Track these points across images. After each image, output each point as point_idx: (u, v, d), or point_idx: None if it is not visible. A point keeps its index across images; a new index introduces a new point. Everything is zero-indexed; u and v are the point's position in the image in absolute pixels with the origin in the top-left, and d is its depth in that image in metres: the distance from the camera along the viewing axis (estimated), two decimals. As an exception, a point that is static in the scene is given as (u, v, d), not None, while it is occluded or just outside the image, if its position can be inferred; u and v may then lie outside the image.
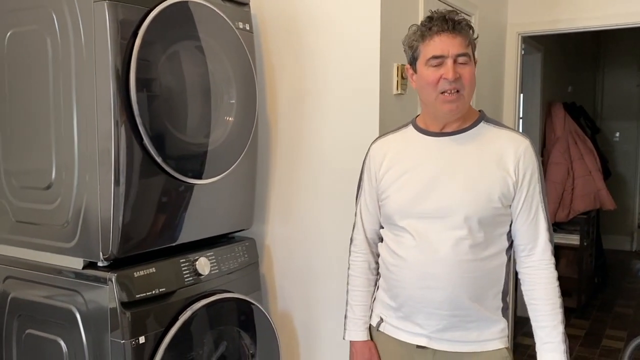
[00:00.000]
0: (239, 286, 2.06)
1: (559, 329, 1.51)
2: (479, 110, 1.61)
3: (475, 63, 1.52)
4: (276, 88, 2.34)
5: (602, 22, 3.25)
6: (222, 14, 1.94)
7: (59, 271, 1.79)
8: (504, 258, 1.55)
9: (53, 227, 1.78)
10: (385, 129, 2.14)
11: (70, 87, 1.69)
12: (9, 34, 1.83)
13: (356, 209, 1.76)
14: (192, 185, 1.87)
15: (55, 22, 1.70)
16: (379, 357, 1.69)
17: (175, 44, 1.78)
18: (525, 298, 1.56)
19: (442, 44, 1.45)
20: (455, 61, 1.45)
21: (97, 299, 1.69)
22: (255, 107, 2.10)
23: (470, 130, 1.55)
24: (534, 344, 1.56)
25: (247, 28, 2.08)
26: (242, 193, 2.13)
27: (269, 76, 2.35)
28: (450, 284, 1.49)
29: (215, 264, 1.97)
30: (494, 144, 1.53)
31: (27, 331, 1.88)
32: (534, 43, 4.14)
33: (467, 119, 1.56)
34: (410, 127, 1.65)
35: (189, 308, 1.82)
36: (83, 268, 1.74)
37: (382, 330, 1.66)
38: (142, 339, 1.69)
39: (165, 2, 1.73)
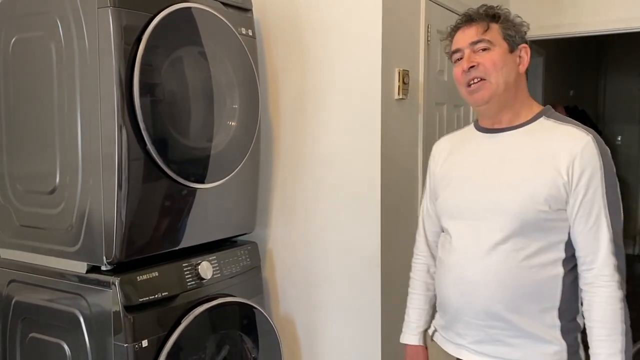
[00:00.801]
0: (241, 290, 2.06)
1: (617, 358, 1.31)
2: (546, 105, 1.49)
3: (515, 46, 1.43)
4: (278, 93, 2.35)
5: (604, 26, 3.26)
6: (224, 20, 1.95)
7: (62, 275, 1.80)
8: (560, 270, 1.37)
9: (57, 231, 1.79)
10: (387, 133, 2.16)
11: (74, 92, 1.71)
12: (13, 40, 1.84)
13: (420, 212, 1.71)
14: (195, 189, 1.88)
15: (60, 28, 1.71)
16: None
17: (179, 50, 1.79)
18: (585, 320, 1.38)
19: (458, 37, 1.46)
20: (474, 50, 1.41)
21: (101, 303, 1.70)
22: (258, 112, 2.11)
23: (527, 126, 1.43)
24: None
25: (250, 33, 2.09)
26: (244, 197, 2.13)
27: (271, 81, 2.36)
28: (487, 291, 1.38)
29: (217, 268, 1.97)
30: (550, 140, 1.38)
31: (31, 334, 1.88)
32: (535, 47, 4.14)
33: (523, 114, 1.45)
34: (472, 125, 1.58)
35: (191, 312, 1.82)
36: (86, 272, 1.75)
37: (435, 340, 1.59)
38: (144, 343, 1.69)
39: (168, 8, 1.74)
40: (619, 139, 6.41)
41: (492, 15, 1.44)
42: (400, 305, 2.32)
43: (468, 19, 1.45)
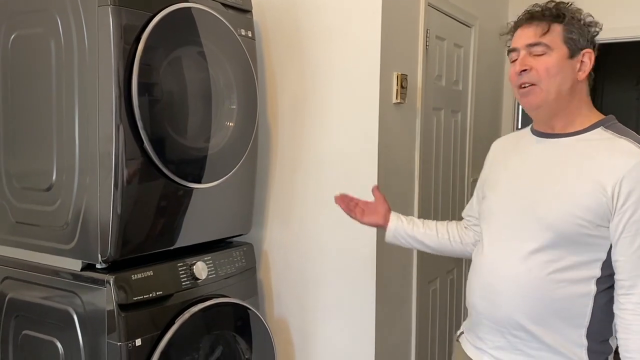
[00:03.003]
0: (236, 291, 2.06)
1: None
2: (609, 115, 1.41)
3: (576, 51, 1.33)
4: (277, 94, 2.36)
5: (600, 35, 3.26)
6: (224, 21, 1.96)
7: (57, 272, 1.79)
8: (592, 288, 1.31)
9: (52, 228, 1.79)
10: (385, 138, 2.17)
11: (72, 90, 1.71)
12: (12, 36, 1.84)
13: None
14: (192, 189, 1.88)
15: (59, 25, 1.72)
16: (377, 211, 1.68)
17: (178, 50, 1.80)
18: (620, 350, 1.31)
19: (517, 36, 1.38)
20: (530, 53, 1.34)
21: (95, 301, 1.70)
22: (256, 113, 2.12)
23: (581, 135, 1.36)
24: None
25: (249, 35, 2.10)
26: (241, 198, 2.14)
27: (270, 83, 2.36)
28: (512, 299, 1.34)
29: (212, 268, 1.97)
30: (601, 153, 1.30)
31: (24, 332, 1.88)
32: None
33: (578, 122, 1.37)
34: (528, 127, 1.51)
35: (185, 312, 1.82)
36: (81, 270, 1.74)
37: (460, 341, 1.57)
38: (138, 342, 1.69)
39: (168, 7, 1.75)
40: (616, 148, 6.42)
41: (556, 15, 1.34)
42: (394, 307, 2.33)
43: (530, 17, 1.36)
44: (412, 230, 1.69)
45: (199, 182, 1.90)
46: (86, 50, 1.67)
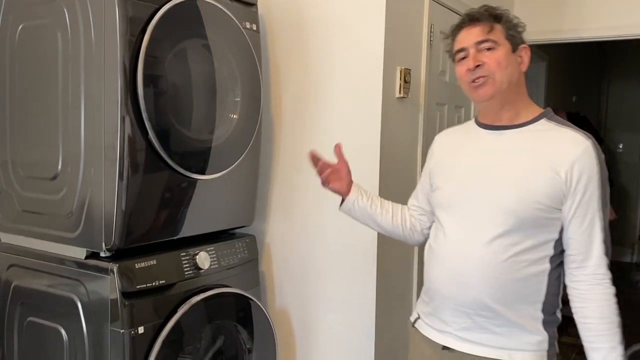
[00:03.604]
0: (238, 282, 2.09)
1: (618, 351, 1.38)
2: (547, 108, 1.54)
3: (516, 46, 1.47)
4: (281, 87, 2.37)
5: (606, 32, 3.27)
6: (229, 14, 1.97)
7: (62, 260, 1.82)
8: (547, 266, 1.43)
9: (57, 217, 1.81)
10: (387, 132, 2.18)
11: (78, 81, 1.73)
12: (20, 27, 1.86)
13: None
14: (195, 180, 1.90)
15: (67, 16, 1.74)
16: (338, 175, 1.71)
17: (183, 42, 1.82)
18: (576, 316, 1.43)
19: (462, 37, 1.49)
20: (479, 50, 1.45)
21: (99, 289, 1.72)
22: (260, 106, 2.13)
23: (528, 126, 1.48)
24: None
25: (254, 28, 2.11)
26: (244, 190, 2.16)
27: (274, 76, 2.38)
28: (477, 282, 1.43)
29: (215, 258, 2.00)
30: (550, 142, 1.43)
31: (29, 319, 1.91)
32: (538, 52, 4.16)
33: (523, 113, 1.49)
34: (472, 121, 1.62)
35: (187, 301, 1.85)
36: (85, 258, 1.77)
37: (417, 327, 1.63)
38: (141, 330, 1.72)
39: (174, 0, 1.76)
40: (620, 146, 6.42)
41: (495, 16, 1.48)
42: (395, 300, 2.34)
43: (472, 18, 1.49)
44: (369, 207, 1.73)
45: (203, 173, 1.92)
46: (92, 41, 1.69)
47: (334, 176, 1.73)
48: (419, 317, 1.64)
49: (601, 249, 1.41)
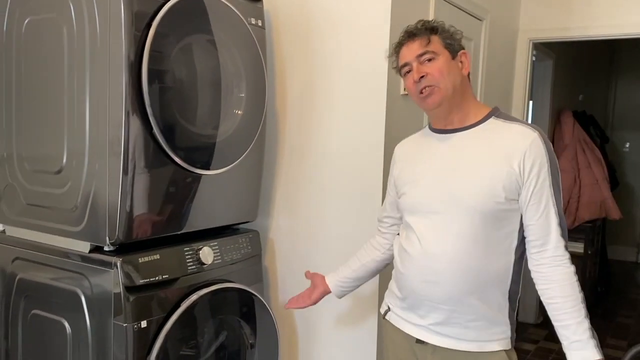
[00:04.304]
0: (241, 277, 2.09)
1: (585, 324, 1.48)
2: (494, 107, 1.63)
3: (455, 53, 1.56)
4: (285, 83, 2.37)
5: (615, 30, 3.25)
6: (235, 9, 1.97)
7: (65, 254, 1.83)
8: (512, 257, 1.54)
9: (62, 210, 1.82)
10: (391, 129, 2.18)
11: (84, 75, 1.73)
12: (26, 21, 1.87)
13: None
14: (200, 175, 1.91)
15: (72, 11, 1.74)
16: (317, 296, 1.90)
17: (188, 37, 1.82)
18: (542, 298, 1.53)
19: (404, 52, 1.58)
20: (421, 62, 1.54)
21: (102, 283, 1.73)
22: (264, 102, 2.13)
23: (478, 126, 1.57)
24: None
25: (259, 24, 2.11)
26: (248, 186, 2.16)
27: (279, 72, 2.38)
28: (451, 280, 1.51)
29: (218, 254, 2.00)
30: (501, 138, 1.53)
31: (33, 311, 1.92)
32: (545, 50, 4.14)
33: (472, 114, 1.59)
34: (426, 128, 1.71)
35: (191, 295, 1.86)
36: (89, 252, 1.78)
37: (388, 319, 1.71)
38: (144, 324, 1.73)
39: (179, -5, 1.77)
40: (627, 145, 6.39)
41: (430, 29, 1.56)
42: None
43: (410, 34, 1.57)
44: (349, 276, 1.87)
45: (207, 168, 1.92)
46: (97, 36, 1.69)
47: (309, 291, 1.92)
48: (389, 309, 1.72)
49: (557, 231, 1.50)
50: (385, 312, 1.73)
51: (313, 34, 2.29)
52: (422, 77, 1.53)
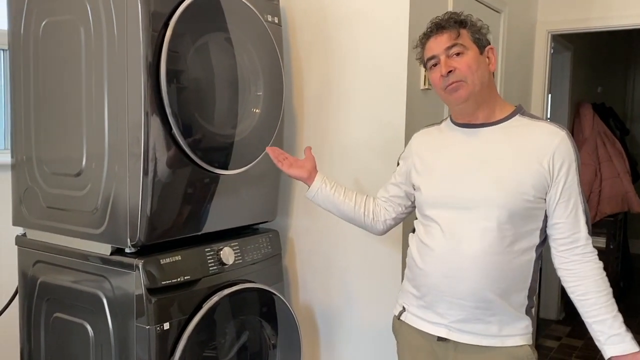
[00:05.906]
0: (262, 277, 2.08)
1: (620, 318, 1.48)
2: (517, 105, 1.62)
3: (483, 48, 1.54)
4: (303, 81, 2.35)
5: (634, 20, 3.20)
6: (251, 7, 1.95)
7: (86, 257, 1.83)
8: (533, 255, 1.54)
9: (82, 213, 1.82)
10: (412, 124, 2.15)
11: (102, 77, 1.73)
12: (44, 23, 1.87)
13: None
14: (219, 175, 1.90)
15: (89, 12, 1.73)
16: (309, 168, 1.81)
17: (205, 36, 1.80)
18: (573, 295, 1.52)
19: (431, 45, 1.55)
20: (449, 56, 1.51)
21: (124, 285, 1.72)
22: (282, 100, 2.11)
23: (504, 123, 1.56)
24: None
25: (276, 21, 2.09)
26: (266, 185, 2.14)
27: (296, 69, 2.36)
28: (475, 276, 1.50)
29: (239, 254, 1.99)
30: (528, 136, 1.52)
31: (55, 314, 1.92)
32: (564, 42, 4.08)
33: (498, 111, 1.57)
34: (448, 120, 1.68)
35: (212, 296, 1.84)
36: (110, 254, 1.77)
37: (404, 320, 1.68)
38: (166, 326, 1.72)
39: (196, -6, 1.75)
40: (647, 137, 6.28)
41: (459, 22, 1.54)
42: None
43: (438, 27, 1.55)
44: (332, 195, 1.81)
45: (226, 168, 1.91)
46: (115, 37, 1.68)
47: (296, 164, 1.81)
48: (404, 310, 1.68)
49: (586, 229, 1.52)
50: (400, 313, 1.70)
51: (330, 30, 2.27)
52: (450, 71, 1.51)
